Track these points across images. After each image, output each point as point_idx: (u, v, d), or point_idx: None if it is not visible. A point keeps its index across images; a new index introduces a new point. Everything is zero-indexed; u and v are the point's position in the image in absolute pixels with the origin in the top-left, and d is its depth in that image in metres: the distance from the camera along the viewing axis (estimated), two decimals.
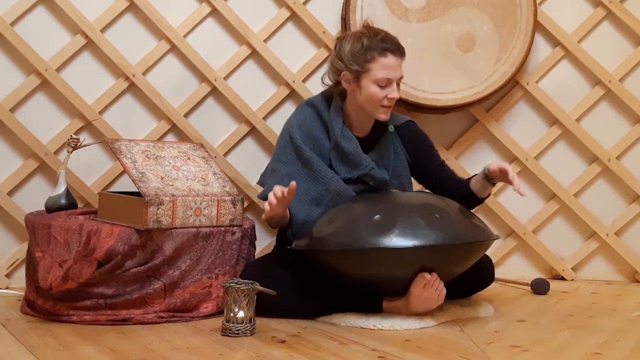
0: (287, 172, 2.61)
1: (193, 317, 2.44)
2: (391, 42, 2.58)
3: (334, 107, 2.65)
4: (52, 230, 2.41)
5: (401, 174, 2.70)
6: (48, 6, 2.89)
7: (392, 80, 2.56)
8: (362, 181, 2.64)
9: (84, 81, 2.92)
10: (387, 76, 2.55)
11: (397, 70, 2.57)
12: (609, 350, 2.18)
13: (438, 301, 2.43)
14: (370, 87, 2.57)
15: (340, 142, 2.61)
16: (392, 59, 2.56)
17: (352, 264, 2.39)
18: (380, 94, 2.57)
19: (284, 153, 2.64)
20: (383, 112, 2.61)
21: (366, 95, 2.58)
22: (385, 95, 2.57)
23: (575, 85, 3.29)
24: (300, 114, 2.69)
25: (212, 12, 3.05)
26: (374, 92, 2.56)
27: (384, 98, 2.57)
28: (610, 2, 3.24)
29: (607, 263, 3.31)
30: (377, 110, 2.60)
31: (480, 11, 3.11)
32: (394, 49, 2.57)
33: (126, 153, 2.52)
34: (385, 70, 2.55)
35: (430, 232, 2.34)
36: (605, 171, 3.29)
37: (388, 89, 2.57)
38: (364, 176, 2.63)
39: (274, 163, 2.66)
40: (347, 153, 2.61)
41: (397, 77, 2.57)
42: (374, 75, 2.55)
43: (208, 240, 2.47)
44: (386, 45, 2.56)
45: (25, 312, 2.45)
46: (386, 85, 2.56)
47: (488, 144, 3.29)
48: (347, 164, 2.62)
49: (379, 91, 2.56)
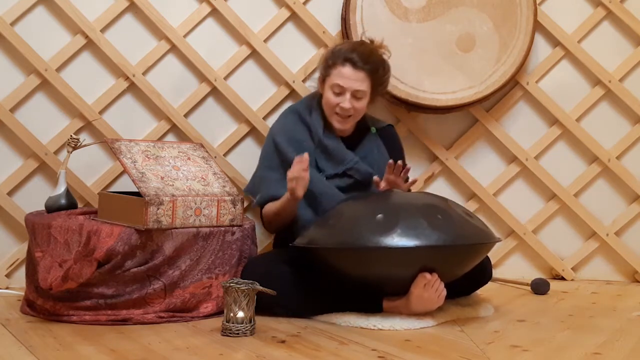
0: (277, 178, 2.68)
1: (193, 317, 2.44)
2: (358, 55, 2.65)
3: (315, 109, 2.75)
4: (52, 230, 2.41)
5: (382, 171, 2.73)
6: (48, 6, 2.89)
7: (346, 89, 2.64)
8: (349, 175, 2.72)
9: (84, 81, 2.92)
10: (341, 84, 2.64)
11: (352, 82, 2.64)
12: (609, 350, 2.18)
13: (438, 302, 2.44)
14: (327, 92, 2.69)
15: (323, 139, 2.71)
16: (350, 70, 2.64)
17: (353, 262, 2.39)
18: (333, 101, 2.67)
19: (270, 159, 2.73)
20: (337, 121, 2.70)
21: (324, 100, 2.72)
22: (337, 103, 2.66)
23: (575, 85, 3.29)
24: (283, 120, 2.79)
25: (212, 12, 3.04)
26: (328, 97, 2.68)
27: (336, 105, 2.67)
28: (610, 2, 3.24)
29: (607, 263, 3.31)
30: (331, 116, 2.71)
31: (480, 11, 3.11)
32: (357, 61, 2.64)
33: (126, 153, 2.52)
34: (340, 79, 2.65)
35: (432, 233, 2.34)
36: (605, 171, 3.29)
37: (341, 97, 2.66)
38: (349, 170, 2.71)
39: (263, 171, 2.73)
40: (330, 149, 2.71)
41: (351, 88, 2.64)
42: (331, 81, 2.67)
43: (208, 240, 2.47)
44: (349, 56, 2.65)
45: (25, 312, 2.45)
46: (340, 94, 2.66)
47: (488, 144, 3.29)
48: (331, 160, 2.71)
49: (333, 98, 2.67)
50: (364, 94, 2.67)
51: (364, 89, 2.66)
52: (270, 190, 2.69)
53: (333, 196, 2.64)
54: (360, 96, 2.67)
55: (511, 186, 3.30)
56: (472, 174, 3.26)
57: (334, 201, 2.61)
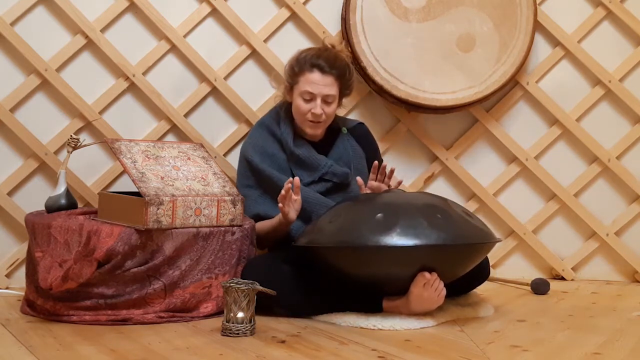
0: (256, 195, 2.71)
1: (193, 317, 2.44)
2: (324, 60, 2.67)
3: (283, 120, 2.76)
4: (52, 230, 2.41)
5: (361, 171, 2.79)
6: (48, 6, 2.89)
7: (316, 95, 2.66)
8: (326, 180, 2.73)
9: (84, 81, 2.92)
10: (310, 90, 2.65)
11: (321, 87, 2.65)
12: (609, 350, 2.18)
13: (438, 301, 2.44)
14: (297, 99, 2.69)
15: (294, 150, 2.71)
16: (318, 76, 2.65)
17: (353, 261, 2.39)
18: (304, 107, 2.68)
19: (247, 177, 2.74)
20: (309, 127, 2.71)
21: (294, 108, 2.72)
22: (309, 110, 2.67)
23: (575, 85, 3.29)
24: (253, 136, 2.79)
25: (212, 12, 3.05)
26: (299, 104, 2.69)
27: (308, 112, 2.67)
28: (610, 2, 3.24)
29: (607, 263, 3.31)
30: (303, 123, 2.71)
31: (480, 11, 3.11)
32: (324, 66, 2.66)
33: (126, 153, 2.52)
34: (309, 85, 2.66)
35: (431, 232, 2.34)
36: (605, 171, 3.29)
37: (312, 103, 2.67)
38: (325, 175, 2.73)
39: (242, 189, 2.72)
40: (302, 159, 2.72)
41: (321, 93, 2.65)
42: (300, 88, 2.68)
43: (208, 240, 2.47)
44: (316, 62, 2.67)
45: (25, 312, 2.45)
46: (310, 100, 2.67)
47: (488, 144, 3.29)
48: (306, 168, 2.72)
49: (303, 104, 2.68)
50: (333, 98, 2.68)
51: (333, 93, 2.68)
52: (253, 208, 2.70)
53: (318, 201, 2.66)
54: (330, 100, 2.68)
55: (511, 186, 3.30)
56: (472, 174, 3.26)
57: (320, 206, 2.63)
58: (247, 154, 2.74)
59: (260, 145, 2.74)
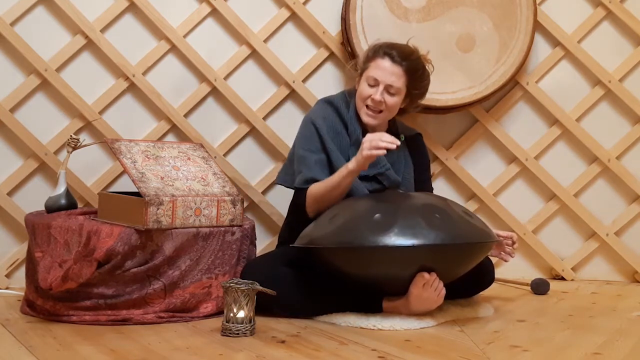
0: (316, 159, 2.62)
1: (193, 317, 2.44)
2: (397, 51, 2.62)
3: (353, 108, 2.69)
4: (52, 230, 2.41)
5: (409, 181, 2.74)
6: (48, 6, 2.89)
7: (380, 82, 2.60)
8: (377, 180, 2.67)
9: (84, 81, 2.92)
10: (376, 76, 2.60)
11: (387, 75, 2.59)
12: (609, 350, 2.18)
13: (437, 301, 2.43)
14: (362, 84, 2.65)
15: (361, 138, 2.61)
16: (389, 63, 2.60)
17: (352, 261, 2.39)
18: (366, 92, 2.62)
19: (311, 142, 2.65)
20: (365, 114, 2.65)
21: (358, 92, 2.66)
22: (369, 95, 2.61)
23: (575, 85, 3.29)
24: (320, 108, 2.72)
25: (212, 12, 3.04)
26: (362, 88, 2.64)
27: (368, 97, 2.62)
28: (610, 2, 3.24)
29: (607, 263, 3.31)
30: (361, 109, 2.66)
31: (480, 11, 3.11)
32: (395, 57, 2.61)
33: (126, 153, 2.52)
34: (377, 70, 2.61)
35: (429, 232, 2.34)
36: (605, 171, 3.29)
37: (374, 89, 2.61)
38: (379, 175, 2.66)
39: (302, 152, 2.64)
40: None
41: (385, 81, 2.59)
42: (368, 72, 2.63)
43: (208, 241, 2.47)
44: (388, 50, 2.62)
45: (25, 312, 2.45)
46: (374, 86, 2.62)
47: (488, 144, 3.29)
48: None
49: (366, 89, 2.63)
50: (397, 90, 2.61)
51: (398, 86, 2.60)
52: (312, 171, 2.61)
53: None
54: (393, 92, 2.61)
55: (511, 186, 3.30)
56: (472, 174, 3.26)
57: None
58: (315, 121, 2.66)
59: (330, 119, 2.67)
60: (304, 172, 2.61)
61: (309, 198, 2.59)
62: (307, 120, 2.70)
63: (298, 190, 2.64)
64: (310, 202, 2.60)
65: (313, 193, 2.59)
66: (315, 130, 2.65)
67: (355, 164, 2.49)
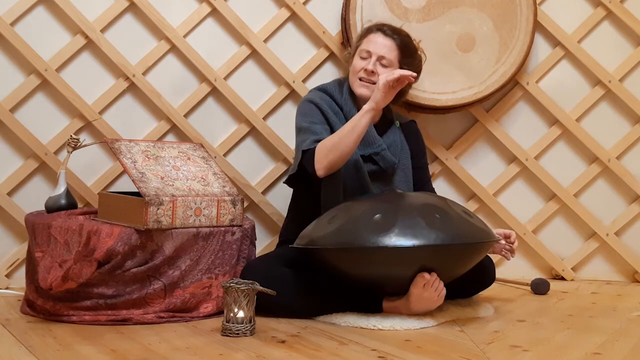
0: (322, 128, 2.62)
1: (193, 317, 2.44)
2: (388, 27, 2.71)
3: (347, 91, 2.73)
4: (52, 230, 2.41)
5: (406, 166, 2.77)
6: (48, 6, 2.89)
7: (372, 53, 2.66)
8: (373, 161, 2.69)
9: (84, 81, 2.92)
10: (368, 48, 2.66)
11: (380, 47, 2.66)
12: (609, 350, 2.18)
13: (438, 301, 2.43)
14: (355, 59, 2.70)
15: None
16: (380, 36, 2.68)
17: (352, 262, 2.39)
18: (359, 64, 2.68)
19: (314, 115, 2.66)
20: (359, 85, 2.68)
21: (351, 69, 2.71)
22: (362, 67, 2.66)
23: (575, 85, 3.29)
24: (314, 94, 2.74)
25: (212, 12, 3.04)
26: (355, 62, 2.69)
27: (361, 70, 2.67)
28: (610, 2, 3.24)
29: (607, 263, 3.31)
30: (354, 82, 2.69)
31: (480, 11, 3.11)
32: (387, 31, 2.69)
33: (126, 153, 2.52)
34: (369, 43, 2.68)
35: (430, 232, 2.34)
36: (605, 171, 3.29)
37: (366, 61, 2.67)
38: (375, 155, 2.68)
39: (306, 123, 2.64)
40: None
41: (377, 52, 2.65)
42: (360, 47, 2.70)
43: (208, 240, 2.47)
44: (380, 26, 2.71)
45: (25, 312, 2.45)
46: (366, 58, 2.67)
47: (488, 144, 3.29)
48: (361, 142, 2.60)
49: (359, 62, 2.68)
50: (390, 62, 2.65)
51: (390, 58, 2.65)
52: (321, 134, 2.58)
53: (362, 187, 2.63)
54: (385, 63, 2.65)
55: (511, 186, 3.30)
56: (472, 174, 3.26)
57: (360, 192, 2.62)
58: (314, 100, 2.68)
59: (326, 100, 2.70)
60: (310, 137, 2.58)
61: (319, 152, 2.51)
62: (304, 101, 2.73)
63: (305, 153, 2.57)
64: (321, 157, 2.50)
65: (324, 145, 2.51)
66: (316, 106, 2.68)
67: (374, 101, 2.50)
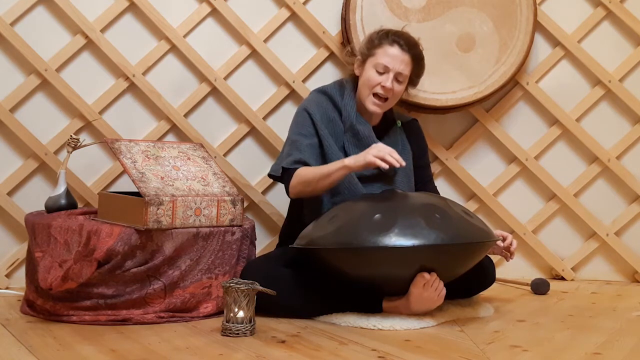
0: (309, 144, 2.64)
1: (193, 317, 2.44)
2: (405, 39, 2.67)
3: (347, 93, 2.72)
4: (52, 230, 2.41)
5: (407, 166, 2.74)
6: (48, 6, 2.89)
7: (390, 69, 2.63)
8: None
9: (84, 81, 2.92)
10: (386, 63, 2.63)
11: (398, 63, 2.63)
12: (609, 350, 2.18)
13: (438, 301, 2.43)
14: (370, 70, 2.66)
15: (355, 124, 2.66)
16: (398, 51, 2.64)
17: (352, 262, 2.39)
18: (375, 79, 2.64)
19: (304, 127, 2.67)
20: (373, 103, 2.67)
21: (364, 79, 2.67)
22: (379, 82, 2.64)
23: (575, 85, 3.29)
24: (313, 97, 2.74)
25: (212, 12, 3.04)
26: (370, 75, 2.65)
27: (377, 85, 2.64)
28: (610, 2, 3.24)
29: (607, 263, 3.31)
30: (367, 97, 2.67)
31: (480, 11, 3.11)
32: (403, 44, 2.65)
33: (126, 153, 2.52)
34: (387, 58, 2.64)
35: (430, 232, 2.33)
36: (605, 171, 3.29)
37: (384, 76, 2.64)
38: None
39: (295, 135, 2.66)
40: (361, 135, 2.66)
41: (395, 69, 2.63)
42: (376, 59, 2.65)
43: (208, 240, 2.47)
44: (396, 39, 2.66)
45: (25, 312, 2.45)
46: (384, 73, 2.64)
47: (488, 144, 3.29)
48: (360, 146, 2.64)
49: (375, 76, 2.64)
50: (405, 78, 2.67)
51: (406, 73, 2.66)
52: (303, 154, 2.62)
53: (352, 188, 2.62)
54: (401, 80, 2.66)
55: (511, 186, 3.30)
56: (472, 174, 3.26)
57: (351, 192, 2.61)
58: (308, 108, 2.69)
59: (324, 106, 2.70)
60: (294, 155, 2.62)
61: (295, 179, 2.59)
62: (300, 108, 2.73)
63: (285, 170, 2.63)
64: (295, 183, 2.59)
65: (301, 175, 2.58)
66: (308, 115, 2.67)
67: (354, 163, 2.49)
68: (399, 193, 2.58)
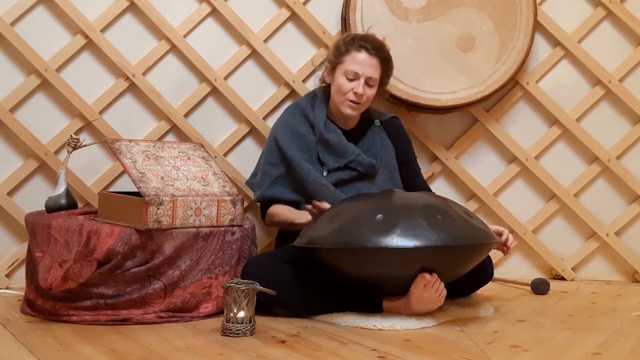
0: (278, 174, 2.73)
1: (193, 317, 2.44)
2: (371, 43, 2.70)
3: (318, 103, 2.77)
4: (52, 230, 2.41)
5: (389, 163, 2.80)
6: (48, 6, 2.89)
7: (360, 75, 2.67)
8: (351, 168, 2.74)
9: (84, 81, 2.92)
10: (355, 70, 2.67)
11: (367, 68, 2.67)
12: (609, 350, 2.18)
13: (438, 302, 2.43)
14: (340, 78, 2.70)
15: (324, 134, 2.73)
16: (365, 56, 2.68)
17: (353, 262, 2.39)
18: (346, 86, 2.68)
19: (272, 156, 2.76)
20: (348, 107, 2.72)
21: (336, 86, 2.72)
22: (351, 89, 2.68)
23: (575, 85, 3.29)
24: (285, 116, 2.82)
25: (212, 12, 3.04)
26: (341, 83, 2.69)
27: (349, 91, 2.68)
28: (610, 2, 3.24)
29: (607, 263, 3.31)
30: (342, 103, 2.71)
31: (480, 11, 3.11)
32: (370, 49, 2.69)
33: (126, 153, 2.52)
34: (356, 64, 2.67)
35: (431, 233, 2.33)
36: (605, 171, 3.29)
37: (355, 83, 2.68)
38: (351, 162, 2.73)
39: (265, 166, 2.77)
40: (331, 143, 2.72)
41: (365, 74, 2.67)
42: (345, 67, 2.69)
43: (208, 240, 2.47)
44: (363, 43, 2.70)
45: (25, 312, 2.45)
46: (354, 79, 2.68)
47: (488, 144, 3.29)
48: (333, 154, 2.73)
49: (346, 83, 2.68)
50: (375, 82, 2.71)
51: (376, 77, 2.70)
52: (271, 190, 2.73)
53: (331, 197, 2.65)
54: (372, 84, 2.70)
55: (511, 186, 3.30)
56: (472, 174, 3.26)
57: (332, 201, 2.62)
58: (275, 133, 2.77)
59: (291, 124, 2.76)
60: (264, 190, 2.74)
61: (268, 217, 2.78)
62: (271, 133, 2.82)
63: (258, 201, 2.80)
64: (267, 220, 2.79)
65: (272, 214, 2.76)
66: (274, 142, 2.76)
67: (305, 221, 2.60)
68: (400, 193, 2.58)
